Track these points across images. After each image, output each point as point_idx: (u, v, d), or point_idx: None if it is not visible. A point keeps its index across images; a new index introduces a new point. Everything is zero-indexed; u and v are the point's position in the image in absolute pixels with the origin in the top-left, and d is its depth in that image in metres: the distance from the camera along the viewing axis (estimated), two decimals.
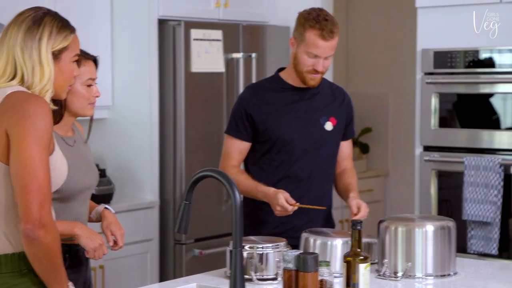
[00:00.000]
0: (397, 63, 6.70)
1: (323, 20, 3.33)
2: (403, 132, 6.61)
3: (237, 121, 3.48)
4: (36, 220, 2.35)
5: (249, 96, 3.50)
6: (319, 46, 3.33)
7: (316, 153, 3.46)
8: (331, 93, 3.56)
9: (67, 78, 2.57)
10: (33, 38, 2.48)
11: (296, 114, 3.46)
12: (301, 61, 3.39)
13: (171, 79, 4.92)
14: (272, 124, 3.43)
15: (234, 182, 2.41)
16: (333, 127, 3.50)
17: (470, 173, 4.38)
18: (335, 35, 3.35)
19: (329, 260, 2.87)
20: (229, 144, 3.51)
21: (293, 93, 3.48)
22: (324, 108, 3.50)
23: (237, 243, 2.38)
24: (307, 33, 3.35)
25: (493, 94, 4.45)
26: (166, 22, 4.92)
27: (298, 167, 3.45)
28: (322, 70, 3.39)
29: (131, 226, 4.72)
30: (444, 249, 2.97)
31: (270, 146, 3.45)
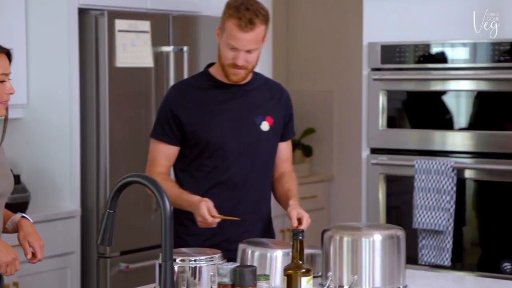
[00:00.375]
0: (341, 58, 6.76)
1: (245, 9, 3.31)
2: (349, 133, 6.67)
3: (162, 124, 3.46)
4: None
5: (175, 95, 3.48)
6: (237, 38, 3.32)
7: (252, 156, 3.46)
8: (268, 89, 3.55)
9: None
10: None
11: (229, 114, 3.45)
12: (222, 54, 3.39)
13: (93, 75, 4.88)
14: (202, 126, 3.42)
15: (163, 189, 2.40)
16: (270, 127, 3.49)
17: (421, 177, 4.43)
18: (257, 26, 3.32)
19: (269, 274, 2.88)
20: (155, 149, 3.49)
21: (225, 91, 3.47)
22: (259, 106, 3.50)
23: (167, 256, 2.38)
24: (227, 22, 3.34)
25: (446, 91, 4.52)
26: (88, 12, 4.88)
27: (232, 172, 3.44)
28: (243, 65, 3.36)
29: (49, 238, 4.66)
30: (393, 260, 3.00)
31: (201, 150, 3.44)
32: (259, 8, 3.35)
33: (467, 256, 4.48)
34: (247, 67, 3.39)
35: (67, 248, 4.77)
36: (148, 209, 5.03)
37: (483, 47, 4.36)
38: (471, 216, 4.47)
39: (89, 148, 4.92)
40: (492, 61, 4.34)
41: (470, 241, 4.49)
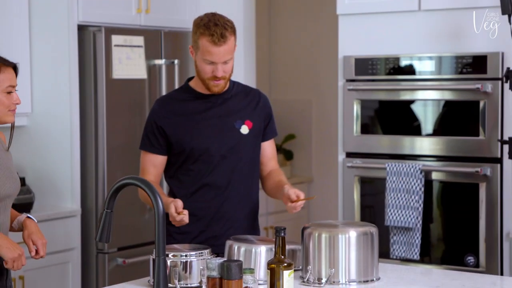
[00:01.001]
0: (319, 70, 6.77)
1: (213, 25, 3.31)
2: (326, 138, 6.67)
3: (149, 136, 3.46)
4: None
5: (158, 108, 3.47)
6: (212, 53, 3.31)
7: (234, 158, 3.45)
8: (245, 96, 3.54)
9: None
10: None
11: (210, 122, 3.44)
12: (200, 69, 3.39)
13: (91, 86, 4.87)
14: (185, 135, 3.41)
15: (156, 190, 2.40)
16: (249, 130, 3.48)
17: (392, 179, 4.44)
18: (228, 39, 3.32)
19: (253, 268, 2.88)
20: (144, 159, 3.49)
21: (204, 101, 3.46)
22: (238, 112, 3.48)
23: (160, 252, 2.37)
24: (200, 40, 3.34)
25: (414, 100, 4.53)
26: (86, 28, 4.87)
27: (216, 174, 3.43)
28: (222, 75, 3.36)
29: (52, 235, 4.65)
30: (367, 254, 3.00)
31: (186, 157, 3.43)
32: (226, 22, 3.35)
33: (434, 250, 4.49)
34: (225, 76, 3.39)
35: (68, 245, 4.75)
36: (143, 209, 5.02)
37: (448, 60, 4.38)
38: (437, 214, 4.48)
39: (88, 152, 4.90)
40: (456, 72, 4.35)
41: (437, 237, 4.50)
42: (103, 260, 4.84)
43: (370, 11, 4.61)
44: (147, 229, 5.00)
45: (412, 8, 4.47)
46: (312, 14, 6.82)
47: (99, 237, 2.51)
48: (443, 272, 3.36)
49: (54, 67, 4.85)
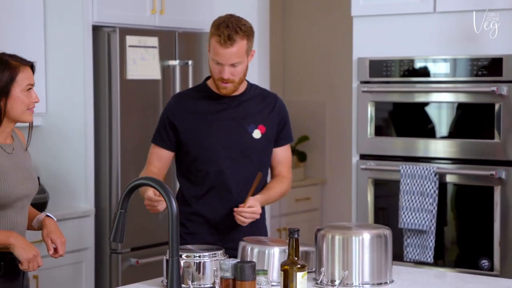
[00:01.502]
0: (333, 72, 6.76)
1: (225, 27, 3.31)
2: (340, 140, 6.66)
3: (160, 130, 3.47)
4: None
5: (174, 104, 3.48)
6: (219, 53, 3.32)
7: (245, 162, 3.44)
8: (262, 100, 3.53)
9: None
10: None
11: (223, 123, 3.43)
12: (211, 69, 3.40)
13: (106, 86, 4.88)
14: (196, 134, 3.41)
15: (170, 191, 2.40)
16: (262, 135, 3.47)
17: (406, 181, 4.43)
18: (236, 42, 3.31)
19: (267, 269, 2.88)
20: (151, 151, 3.52)
21: (220, 102, 3.46)
22: (252, 115, 3.48)
23: (173, 252, 2.37)
24: (211, 40, 3.36)
25: (428, 103, 4.51)
26: (101, 28, 4.88)
27: (225, 177, 3.42)
28: (229, 78, 3.35)
29: (66, 235, 4.61)
30: (381, 257, 2.99)
31: (195, 157, 3.43)
32: (239, 25, 3.34)
33: (448, 253, 4.47)
34: (234, 80, 3.37)
35: (82, 244, 4.76)
36: None
37: (463, 63, 4.36)
38: (451, 217, 4.47)
39: (102, 153, 4.91)
40: (471, 75, 4.33)
41: (451, 240, 4.48)
42: (117, 260, 4.85)
43: (385, 13, 4.60)
44: (160, 229, 5.00)
45: (427, 10, 4.46)
46: (326, 15, 6.81)
47: (113, 237, 2.52)
48: (457, 275, 3.35)
49: (68, 68, 4.87)
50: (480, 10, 4.26)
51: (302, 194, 6.57)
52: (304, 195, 6.60)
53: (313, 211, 6.69)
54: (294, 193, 6.43)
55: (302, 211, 6.52)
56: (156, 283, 3.02)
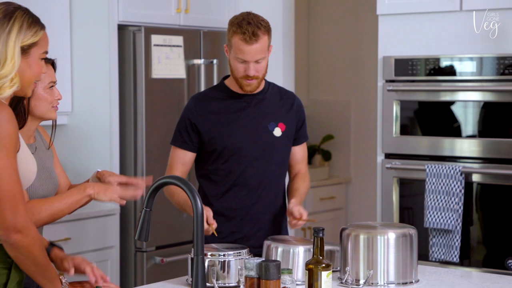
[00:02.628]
0: (358, 71, 6.74)
1: (246, 24, 3.30)
2: (365, 139, 6.65)
3: (181, 132, 3.47)
4: (11, 226, 2.39)
5: (193, 106, 3.47)
6: (244, 51, 3.31)
7: (266, 160, 3.44)
8: (280, 98, 3.53)
9: (35, 74, 2.57)
10: (2, 32, 2.48)
11: (243, 122, 3.43)
12: (234, 68, 3.39)
13: (131, 85, 4.90)
14: (218, 134, 3.41)
15: (195, 189, 2.40)
16: (282, 132, 3.48)
17: (431, 180, 4.41)
18: (260, 38, 3.31)
19: (291, 268, 2.88)
20: (173, 155, 3.50)
21: (239, 101, 3.46)
22: (272, 113, 3.48)
23: (198, 251, 2.38)
24: (233, 39, 3.34)
25: (454, 102, 4.49)
26: (126, 28, 4.90)
27: (248, 175, 3.43)
28: (254, 75, 3.35)
29: (91, 233, 4.69)
30: (406, 256, 2.98)
31: (217, 156, 3.43)
32: (259, 21, 3.34)
33: (474, 253, 4.45)
34: (258, 76, 3.38)
35: (107, 243, 4.78)
36: None
37: (489, 61, 4.33)
38: (477, 216, 4.44)
39: (128, 152, 4.93)
40: (497, 74, 4.31)
41: (477, 240, 4.46)
42: (142, 258, 4.87)
43: (410, 11, 4.58)
44: (185, 228, 5.01)
45: (453, 8, 4.44)
46: (352, 14, 6.79)
47: (138, 235, 2.52)
48: (483, 275, 3.33)
49: (94, 67, 4.89)
50: (505, 8, 4.24)
51: (327, 193, 6.56)
52: (329, 194, 6.59)
53: (337, 210, 6.68)
54: (318, 192, 6.42)
55: (327, 210, 6.51)
56: (181, 282, 3.03)
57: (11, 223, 2.38)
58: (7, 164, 2.39)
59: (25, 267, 2.48)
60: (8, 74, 2.46)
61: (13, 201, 2.39)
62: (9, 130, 2.40)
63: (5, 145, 2.38)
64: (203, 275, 2.39)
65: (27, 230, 2.41)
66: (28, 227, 2.42)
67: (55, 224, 4.44)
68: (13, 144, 2.41)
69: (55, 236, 4.30)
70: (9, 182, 2.39)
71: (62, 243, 3.05)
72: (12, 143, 2.40)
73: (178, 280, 3.07)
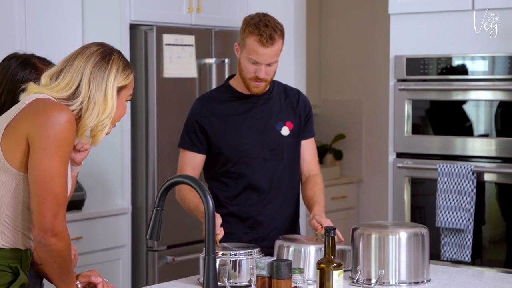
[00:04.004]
0: (370, 70, 6.73)
1: (264, 26, 3.28)
2: (377, 138, 6.64)
3: (189, 134, 3.42)
4: (49, 229, 2.41)
5: (200, 108, 3.43)
6: (258, 53, 3.28)
7: (276, 160, 3.43)
8: (285, 96, 3.51)
9: (119, 115, 2.62)
10: (102, 73, 2.53)
11: (251, 123, 3.41)
12: (244, 68, 3.35)
13: (143, 84, 4.90)
14: (225, 137, 3.39)
15: (206, 189, 2.40)
16: (290, 131, 3.46)
17: (443, 180, 4.40)
18: (276, 41, 3.29)
19: (303, 267, 2.87)
20: (183, 158, 3.45)
21: (245, 102, 3.43)
22: (279, 113, 3.46)
23: (210, 250, 2.38)
24: (248, 39, 3.31)
25: (466, 101, 4.48)
26: (138, 27, 4.91)
27: (258, 177, 3.41)
28: (264, 77, 3.33)
29: (102, 232, 4.70)
30: (418, 256, 2.98)
31: (226, 159, 3.40)
32: (276, 24, 3.32)
33: (486, 253, 4.44)
34: (267, 79, 3.36)
35: (119, 242, 4.79)
36: None
37: (501, 60, 4.32)
38: (489, 215, 4.43)
39: (139, 151, 4.93)
40: (509, 73, 4.29)
41: (489, 239, 4.44)
42: (153, 257, 4.88)
43: (422, 11, 4.57)
44: (196, 227, 5.01)
45: (465, 7, 4.42)
46: (363, 13, 6.78)
47: (149, 234, 2.53)
48: (495, 274, 3.32)
49: None
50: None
51: (338, 193, 6.56)
52: (340, 193, 6.58)
53: (349, 209, 6.67)
54: (330, 191, 6.41)
55: (338, 210, 6.50)
56: (192, 281, 3.03)
57: (50, 225, 2.40)
58: (61, 168, 2.42)
59: (50, 269, 2.49)
60: (108, 117, 2.54)
61: (57, 205, 2.41)
62: (68, 134, 2.42)
63: (62, 148, 2.41)
64: (215, 274, 2.39)
65: (62, 235, 2.44)
66: (64, 232, 2.45)
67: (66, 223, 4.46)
68: (69, 149, 2.44)
69: None
70: (58, 186, 2.41)
71: (74, 242, 3.05)
72: (68, 148, 2.43)
73: (189, 279, 3.07)
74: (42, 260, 2.49)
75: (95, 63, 2.53)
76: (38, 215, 2.41)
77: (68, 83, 2.52)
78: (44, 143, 2.39)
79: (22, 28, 4.57)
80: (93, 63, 2.53)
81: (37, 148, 2.40)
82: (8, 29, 4.53)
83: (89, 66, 2.53)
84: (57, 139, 2.40)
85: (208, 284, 2.38)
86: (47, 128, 2.40)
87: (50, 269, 2.49)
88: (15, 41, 4.52)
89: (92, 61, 2.53)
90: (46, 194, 2.40)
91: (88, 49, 2.57)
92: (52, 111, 2.42)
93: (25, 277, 2.53)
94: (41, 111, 2.43)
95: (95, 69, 2.53)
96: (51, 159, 2.39)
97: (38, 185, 2.40)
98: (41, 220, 2.40)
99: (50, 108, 2.43)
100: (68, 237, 2.47)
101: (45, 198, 2.40)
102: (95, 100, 2.52)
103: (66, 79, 2.53)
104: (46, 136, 2.40)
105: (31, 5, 4.59)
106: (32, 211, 2.43)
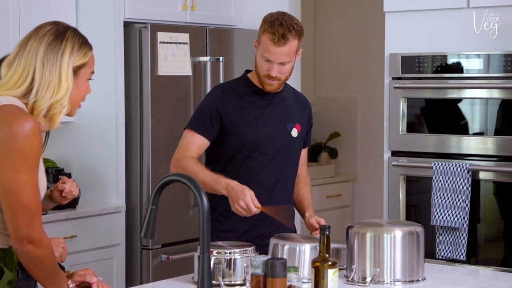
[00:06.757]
0: (365, 68, 6.74)
1: (279, 24, 3.28)
2: (372, 137, 6.64)
3: (204, 119, 3.40)
4: (24, 237, 2.39)
5: (222, 96, 3.42)
6: (270, 51, 3.29)
7: (283, 160, 3.45)
8: (295, 99, 3.55)
9: (82, 95, 2.60)
10: (55, 53, 2.48)
11: (266, 119, 3.43)
12: (258, 65, 3.38)
13: (137, 82, 4.90)
14: (241, 129, 3.39)
15: (201, 187, 2.40)
16: (298, 133, 3.49)
17: (438, 178, 4.40)
18: (289, 41, 3.29)
19: (298, 266, 2.88)
20: (189, 137, 3.40)
21: (263, 97, 3.45)
22: (290, 114, 3.49)
23: (204, 248, 2.38)
24: (263, 36, 3.32)
25: (461, 99, 4.49)
26: (132, 25, 4.90)
27: (265, 173, 3.42)
28: (276, 76, 3.34)
29: (97, 231, 4.69)
30: (413, 254, 2.98)
31: (237, 151, 3.41)
32: (292, 24, 3.31)
33: (481, 251, 4.44)
34: (280, 78, 3.37)
35: (113, 240, 4.79)
36: (187, 205, 5.04)
37: (496, 58, 4.32)
38: (484, 214, 4.43)
39: (133, 149, 4.93)
40: (504, 71, 4.30)
41: (484, 237, 4.45)
42: (147, 256, 4.87)
43: (417, 8, 4.58)
44: (191, 225, 5.02)
45: (460, 5, 4.43)
46: (358, 11, 6.79)
47: (144, 233, 2.53)
48: (490, 273, 3.32)
49: (100, 64, 4.81)
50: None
51: (333, 191, 6.56)
52: (335, 191, 6.58)
53: (344, 208, 6.68)
54: (325, 189, 6.42)
55: (333, 208, 6.51)
56: (187, 280, 3.03)
57: (25, 234, 2.38)
58: (27, 179, 2.38)
59: (34, 274, 2.49)
60: (63, 98, 2.48)
61: (29, 215, 2.38)
62: (32, 144, 2.38)
63: (27, 160, 2.37)
64: (209, 273, 2.39)
65: (39, 242, 2.41)
66: (41, 239, 2.42)
67: (60, 221, 4.46)
68: (36, 157, 2.40)
69: (61, 233, 4.31)
70: (27, 197, 2.38)
71: (68, 240, 3.04)
72: (35, 158, 2.39)
73: (184, 277, 3.07)
74: (25, 266, 2.48)
75: (48, 43, 2.47)
76: (12, 225, 2.39)
77: (23, 72, 2.45)
78: (8, 157, 2.35)
79: (16, 26, 4.56)
80: (46, 44, 2.47)
81: (1, 164, 2.36)
82: (2, 27, 4.53)
83: (42, 47, 2.47)
84: (21, 151, 2.35)
85: (202, 283, 2.38)
86: (9, 141, 2.35)
87: (33, 274, 2.48)
88: (8, 39, 4.51)
89: (45, 42, 2.47)
90: (16, 206, 2.37)
91: (41, 29, 2.51)
92: (13, 123, 2.36)
93: (11, 274, 2.52)
94: (2, 124, 2.37)
95: (48, 49, 2.47)
96: (17, 172, 2.35)
97: (7, 198, 2.38)
98: (15, 229, 2.39)
99: (11, 119, 2.37)
100: (47, 242, 2.44)
101: (15, 210, 2.38)
102: (49, 81, 2.46)
103: (20, 68, 2.46)
104: (10, 151, 2.35)
105: (25, 3, 4.59)
106: (6, 221, 2.41)
